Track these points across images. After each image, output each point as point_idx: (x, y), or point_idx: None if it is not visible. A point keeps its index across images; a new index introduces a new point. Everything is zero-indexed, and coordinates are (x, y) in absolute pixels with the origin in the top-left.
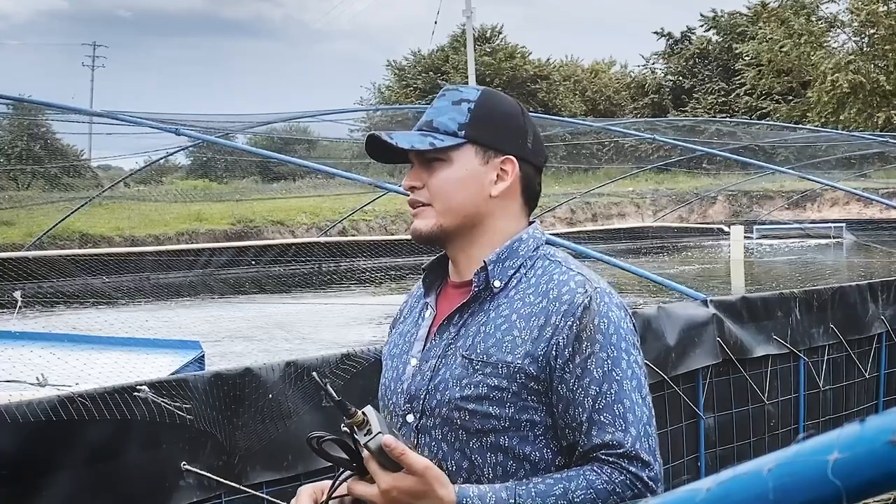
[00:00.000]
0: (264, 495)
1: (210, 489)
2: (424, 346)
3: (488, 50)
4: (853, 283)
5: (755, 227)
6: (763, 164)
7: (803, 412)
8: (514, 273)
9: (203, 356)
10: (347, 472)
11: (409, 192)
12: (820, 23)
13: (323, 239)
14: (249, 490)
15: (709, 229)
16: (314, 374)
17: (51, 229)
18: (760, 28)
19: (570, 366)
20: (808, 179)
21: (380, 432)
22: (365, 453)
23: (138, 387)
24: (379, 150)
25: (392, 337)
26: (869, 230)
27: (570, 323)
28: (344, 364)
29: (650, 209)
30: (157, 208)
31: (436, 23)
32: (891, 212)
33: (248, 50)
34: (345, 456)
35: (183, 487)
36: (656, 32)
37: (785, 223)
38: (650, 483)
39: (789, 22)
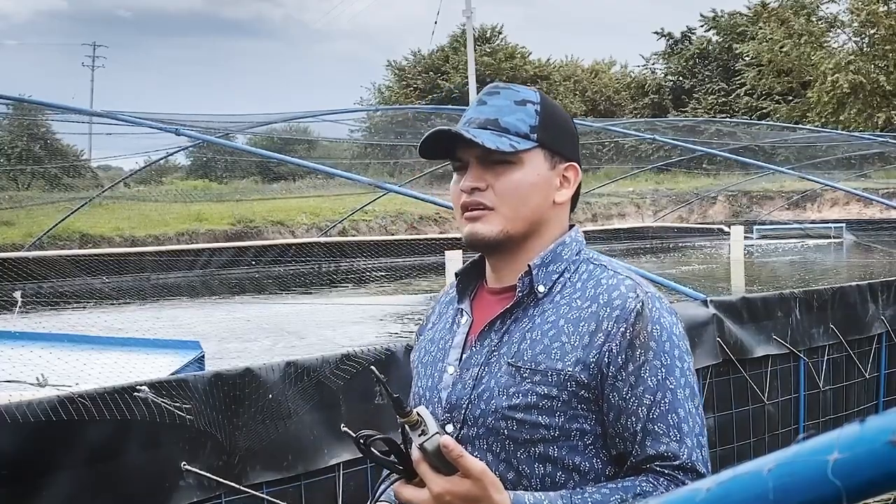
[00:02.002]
0: (264, 495)
1: (210, 489)
2: (462, 353)
3: (488, 50)
4: (853, 283)
5: (755, 227)
6: (763, 164)
7: (803, 412)
8: (559, 278)
9: (203, 356)
10: (394, 476)
11: (467, 193)
12: (820, 23)
13: (323, 239)
14: (249, 490)
15: (709, 229)
16: (372, 367)
17: (51, 229)
18: (760, 28)
19: (623, 373)
20: (808, 179)
21: (437, 433)
22: (416, 455)
23: (138, 387)
24: (431, 147)
25: (421, 343)
26: (869, 230)
27: (622, 329)
28: (344, 364)
29: (650, 209)
30: (157, 208)
31: (436, 23)
32: (891, 212)
33: (248, 50)
34: (393, 458)
35: (183, 487)
36: (656, 32)
37: (785, 223)
38: None
39: (789, 22)
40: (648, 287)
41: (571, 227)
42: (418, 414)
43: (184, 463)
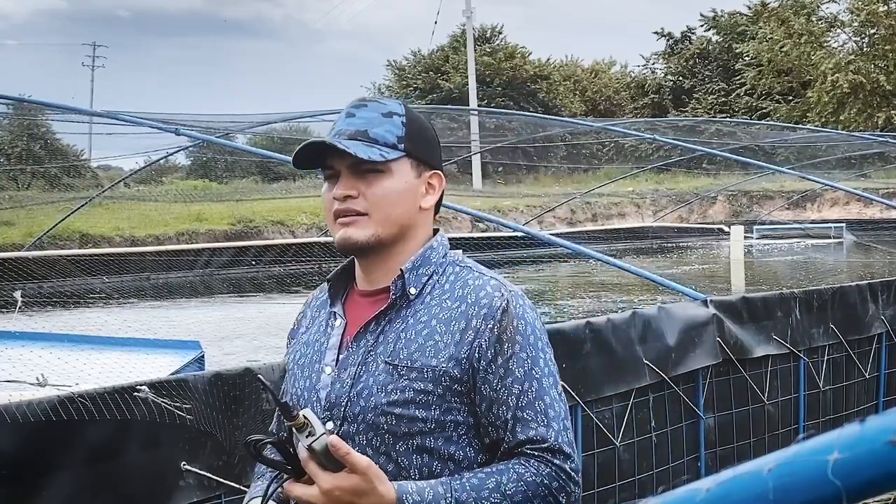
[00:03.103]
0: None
1: (210, 489)
2: (339, 354)
3: (488, 50)
4: (853, 283)
5: (755, 227)
6: (763, 164)
7: (803, 412)
8: (428, 280)
9: (203, 356)
10: (277, 476)
11: (340, 201)
12: (820, 23)
13: (323, 239)
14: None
15: (709, 229)
16: (259, 376)
17: (51, 229)
18: (760, 28)
19: (493, 367)
20: (808, 179)
21: (324, 433)
22: (304, 455)
23: (138, 387)
24: (304, 156)
25: (295, 347)
26: (869, 230)
27: (490, 325)
28: None
29: (650, 209)
30: (157, 208)
31: (436, 23)
32: (891, 212)
33: (248, 50)
34: (281, 458)
35: (183, 487)
36: (656, 32)
37: (785, 223)
38: (573, 474)
39: (789, 22)
40: (511, 286)
41: (436, 231)
42: (305, 416)
43: (184, 463)
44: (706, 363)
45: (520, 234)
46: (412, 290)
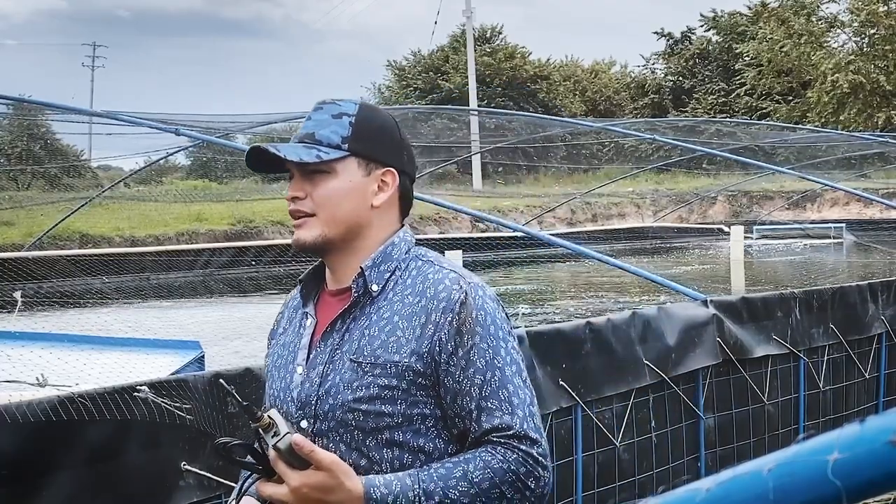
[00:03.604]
0: None
1: (210, 489)
2: (309, 353)
3: (488, 50)
4: (853, 283)
5: (755, 227)
6: (763, 164)
7: (803, 412)
8: (390, 276)
9: (203, 356)
10: (254, 476)
11: (290, 202)
12: (820, 23)
13: None
14: None
15: (709, 229)
16: (221, 381)
17: (51, 229)
18: (760, 28)
19: (455, 358)
20: (808, 179)
21: (288, 432)
22: (272, 454)
23: (138, 387)
24: (260, 160)
25: (274, 349)
26: (869, 230)
27: (449, 318)
28: None
29: (650, 209)
30: (157, 208)
31: (436, 23)
32: (891, 212)
33: (248, 50)
34: (251, 460)
35: (183, 487)
36: (656, 32)
37: (785, 223)
38: (540, 458)
39: (789, 22)
40: (472, 278)
41: (402, 227)
42: (269, 417)
43: (184, 463)
44: (706, 363)
45: (520, 234)
46: (374, 287)
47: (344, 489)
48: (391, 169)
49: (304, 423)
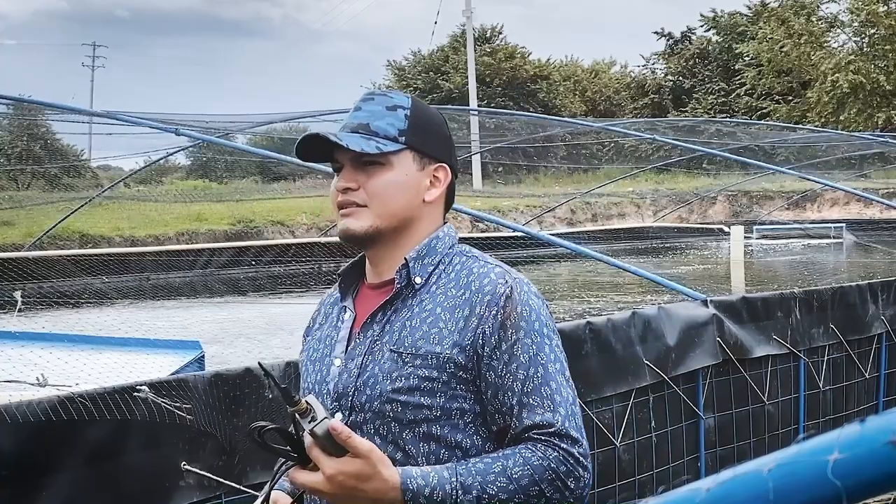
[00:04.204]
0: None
1: (210, 489)
2: (347, 345)
3: (488, 50)
4: (853, 283)
5: (755, 227)
6: (763, 164)
7: (803, 412)
8: (434, 269)
9: (203, 356)
10: (283, 463)
11: (341, 192)
12: (820, 23)
13: (323, 239)
14: (249, 490)
15: (709, 229)
16: (259, 362)
17: (51, 229)
18: (760, 28)
19: (498, 353)
20: (808, 179)
21: (325, 417)
22: (308, 440)
23: (138, 387)
24: (310, 150)
25: (309, 343)
26: (869, 230)
27: (494, 312)
28: None
29: (650, 209)
30: (157, 208)
31: (436, 23)
32: (891, 212)
33: (247, 50)
34: (286, 446)
35: (183, 487)
36: (656, 32)
37: (785, 223)
38: (581, 458)
39: (789, 22)
40: (517, 274)
41: (445, 223)
42: (307, 402)
43: (184, 463)
44: (706, 363)
45: (520, 234)
46: (417, 280)
47: (381, 478)
48: (444, 164)
49: (338, 415)
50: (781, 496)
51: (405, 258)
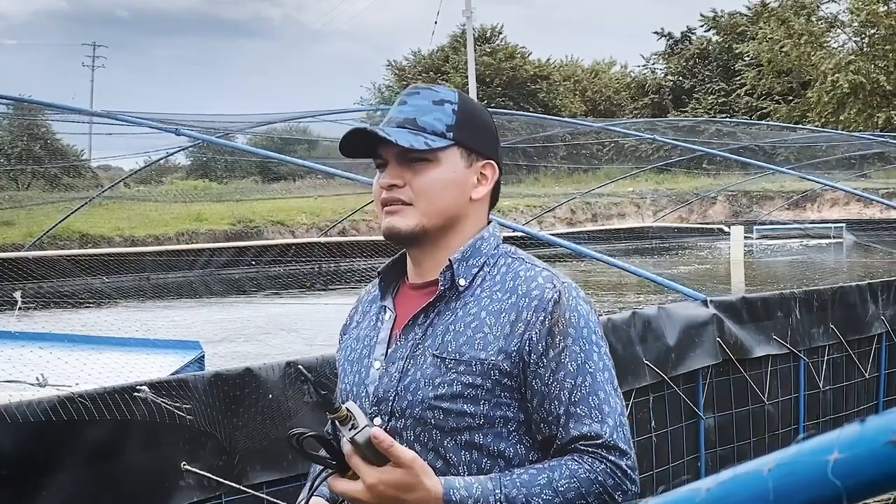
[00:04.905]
0: (264, 495)
1: (210, 489)
2: (388, 348)
3: (488, 50)
4: (853, 283)
5: (755, 227)
6: (763, 164)
7: (803, 412)
8: (478, 271)
9: (203, 356)
10: (326, 471)
11: (386, 189)
12: (820, 23)
13: (323, 239)
14: (249, 490)
15: (709, 229)
16: (300, 367)
17: (51, 229)
18: (761, 28)
19: (545, 360)
20: (808, 179)
21: (367, 425)
22: (347, 448)
23: (138, 387)
24: (355, 145)
25: (346, 342)
26: (869, 230)
27: (541, 318)
28: None
29: (650, 209)
30: (157, 208)
31: (436, 23)
32: (891, 212)
33: (247, 50)
34: (325, 454)
35: (183, 487)
36: (656, 32)
37: (785, 223)
38: (629, 471)
39: (789, 22)
40: (565, 278)
41: (490, 222)
42: (347, 409)
43: (184, 463)
44: (706, 363)
45: (520, 234)
46: (461, 282)
47: (423, 488)
48: (491, 161)
49: (377, 420)
50: (781, 496)
51: (449, 259)
